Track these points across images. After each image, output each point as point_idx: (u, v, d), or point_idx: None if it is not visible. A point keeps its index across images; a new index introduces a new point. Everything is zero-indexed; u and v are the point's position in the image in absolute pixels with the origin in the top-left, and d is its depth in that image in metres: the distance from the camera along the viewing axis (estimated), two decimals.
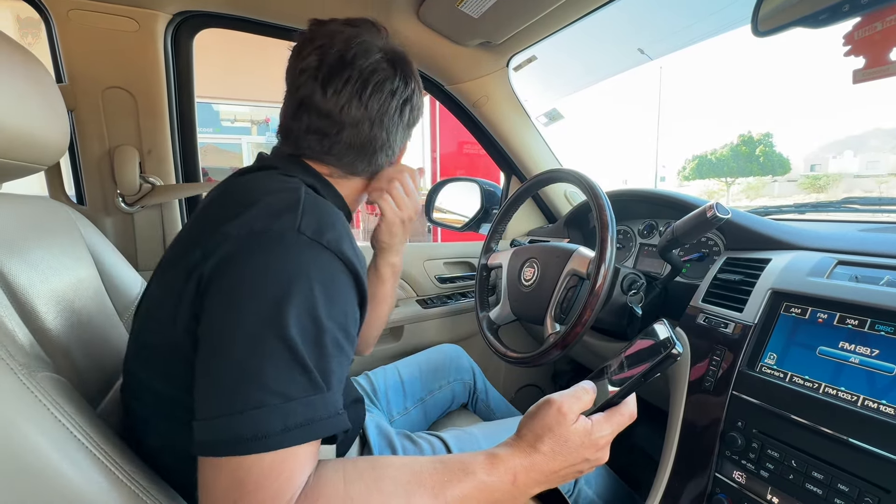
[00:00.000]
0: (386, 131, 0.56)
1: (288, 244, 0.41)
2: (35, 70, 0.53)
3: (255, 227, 0.42)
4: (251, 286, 0.39)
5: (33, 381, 0.40)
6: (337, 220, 0.47)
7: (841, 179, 37.04)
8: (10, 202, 0.56)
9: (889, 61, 0.54)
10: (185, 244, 0.47)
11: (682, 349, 0.44)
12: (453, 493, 0.41)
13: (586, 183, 0.78)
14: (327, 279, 0.42)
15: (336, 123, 0.53)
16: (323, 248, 0.43)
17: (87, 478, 0.40)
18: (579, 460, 0.45)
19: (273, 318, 0.38)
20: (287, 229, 0.42)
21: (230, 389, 0.37)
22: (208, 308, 0.41)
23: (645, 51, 2.47)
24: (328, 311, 0.41)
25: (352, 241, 0.47)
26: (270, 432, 0.36)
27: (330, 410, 0.40)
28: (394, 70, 0.55)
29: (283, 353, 0.38)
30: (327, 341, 0.40)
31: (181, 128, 1.09)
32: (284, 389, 0.37)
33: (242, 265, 0.40)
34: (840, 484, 0.49)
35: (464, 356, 1.10)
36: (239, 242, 0.41)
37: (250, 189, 0.48)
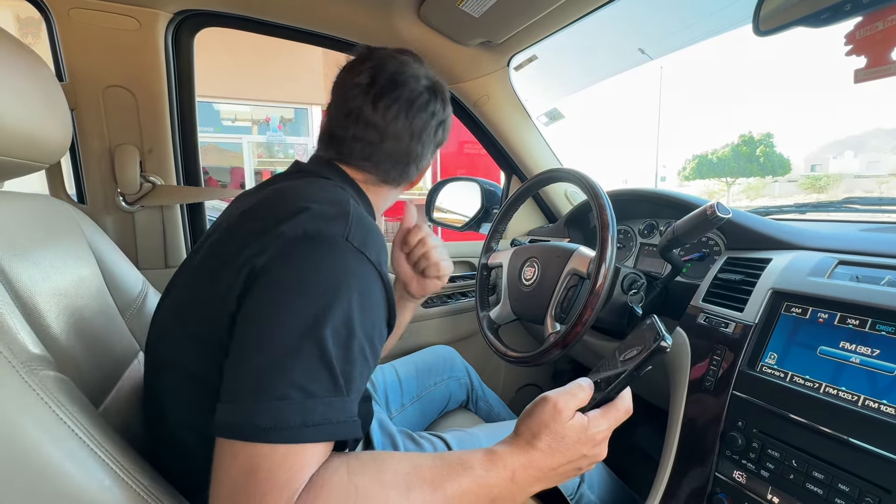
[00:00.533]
0: (422, 145, 0.63)
1: (337, 250, 0.44)
2: (37, 68, 0.53)
3: (309, 230, 0.44)
4: (298, 285, 0.42)
5: (35, 380, 0.40)
6: (378, 235, 0.50)
7: (841, 180, 37.02)
8: (11, 200, 0.56)
9: (890, 61, 0.54)
10: (235, 239, 0.48)
11: (670, 341, 0.44)
12: (452, 487, 0.41)
13: (587, 182, 0.78)
14: (365, 289, 0.44)
15: (381, 134, 0.59)
16: (366, 259, 0.45)
17: (89, 476, 0.40)
18: (577, 456, 0.46)
19: (313, 318, 0.40)
20: (337, 236, 0.45)
21: (259, 378, 0.39)
22: (253, 298, 0.42)
23: (645, 50, 2.46)
24: (361, 320, 0.43)
25: (387, 256, 0.50)
26: (289, 425, 0.37)
27: (347, 415, 0.41)
28: (435, 95, 0.63)
29: (315, 353, 0.39)
30: (355, 348, 0.42)
31: (182, 127, 1.09)
32: (309, 386, 0.39)
33: (293, 263, 0.43)
34: (840, 484, 0.49)
35: (457, 357, 1.11)
36: (292, 242, 0.44)
37: (302, 193, 0.51)
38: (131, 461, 0.44)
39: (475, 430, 0.80)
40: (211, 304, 0.46)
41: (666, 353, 0.44)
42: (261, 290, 0.42)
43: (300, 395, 0.38)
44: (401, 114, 0.59)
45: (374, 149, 0.60)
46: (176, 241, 1.10)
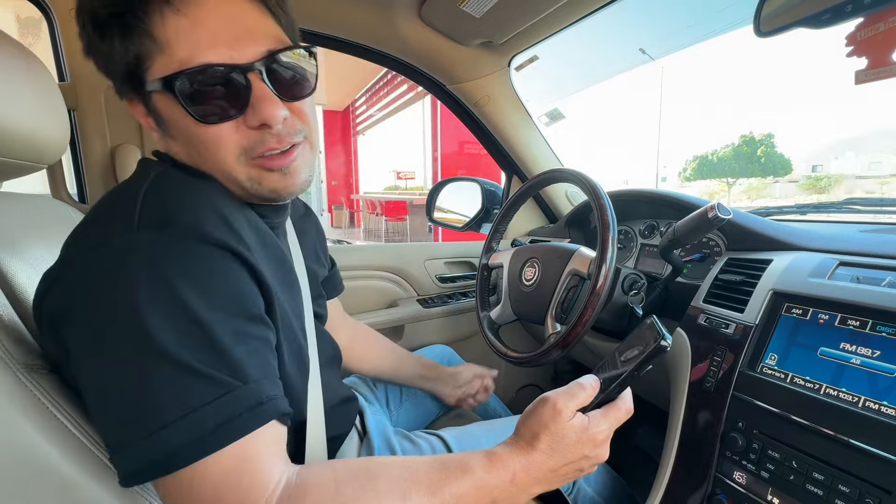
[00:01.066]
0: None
1: (130, 251, 0.36)
2: (34, 68, 0.53)
3: (90, 243, 0.38)
4: (104, 319, 0.35)
5: (32, 380, 0.40)
6: (192, 197, 0.41)
7: (842, 180, 36.99)
8: (11, 201, 0.56)
9: (891, 62, 0.54)
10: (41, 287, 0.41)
11: (670, 341, 0.44)
12: (451, 491, 0.40)
13: (587, 183, 0.78)
14: (193, 270, 0.37)
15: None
16: (177, 237, 0.37)
17: (87, 475, 0.40)
18: (578, 457, 0.45)
19: (140, 339, 0.34)
20: (124, 233, 0.37)
21: (127, 418, 0.35)
22: (75, 354, 0.37)
23: (647, 51, 2.47)
24: (209, 304, 0.36)
25: (218, 214, 0.40)
26: (182, 445, 0.34)
27: (250, 402, 0.37)
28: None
29: (168, 369, 0.34)
30: (220, 335, 0.36)
31: None
32: (183, 402, 0.34)
33: (88, 301, 0.36)
34: (841, 485, 0.49)
35: (455, 356, 1.11)
36: (77, 268, 0.37)
37: (97, 203, 0.44)
38: None
39: (472, 428, 0.80)
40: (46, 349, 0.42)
41: (666, 352, 0.44)
42: (75, 329, 0.36)
43: (178, 413, 0.34)
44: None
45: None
46: None
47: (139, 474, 0.35)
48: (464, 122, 1.41)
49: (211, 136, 0.42)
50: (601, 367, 0.52)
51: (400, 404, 0.97)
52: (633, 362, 0.46)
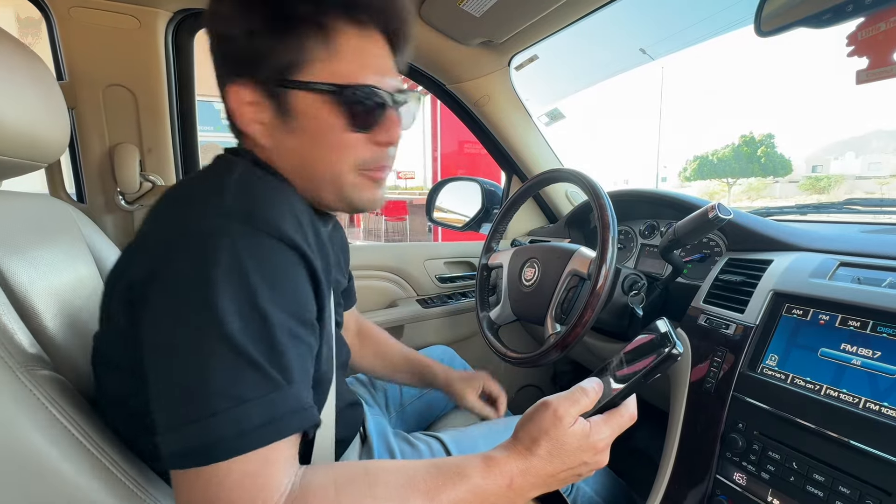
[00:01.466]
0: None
1: (215, 235, 0.37)
2: (36, 67, 0.53)
3: (178, 223, 0.40)
4: (180, 291, 0.37)
5: (32, 380, 0.40)
6: (275, 196, 0.43)
7: (843, 181, 36.99)
8: (9, 200, 0.56)
9: (892, 62, 0.54)
10: (124, 253, 0.45)
11: (682, 349, 0.43)
12: (448, 496, 0.40)
13: (587, 183, 0.77)
14: (266, 265, 0.38)
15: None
16: (257, 230, 0.39)
17: (85, 475, 0.40)
18: (577, 463, 0.44)
19: (208, 319, 0.35)
20: (212, 218, 0.38)
21: (179, 400, 0.35)
22: (147, 319, 0.38)
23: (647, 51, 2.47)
24: (273, 300, 0.38)
25: (297, 218, 0.43)
26: (224, 438, 0.34)
27: (292, 405, 0.37)
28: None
29: (227, 354, 0.35)
30: (278, 333, 0.38)
31: (182, 126, 1.09)
32: (235, 392, 0.35)
33: (167, 272, 0.38)
34: (841, 486, 0.49)
35: (456, 357, 1.11)
36: (161, 248, 0.39)
37: (180, 186, 0.47)
38: (127, 460, 0.44)
39: (471, 430, 0.80)
40: (114, 328, 0.43)
41: (677, 360, 0.42)
42: (152, 303, 0.38)
43: (228, 402, 0.35)
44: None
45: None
46: None
47: (176, 459, 0.35)
48: (464, 122, 1.41)
49: (345, 142, 0.47)
50: (605, 369, 0.51)
51: (399, 406, 0.97)
52: (640, 369, 0.44)
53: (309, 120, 0.45)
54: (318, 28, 0.43)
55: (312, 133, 0.46)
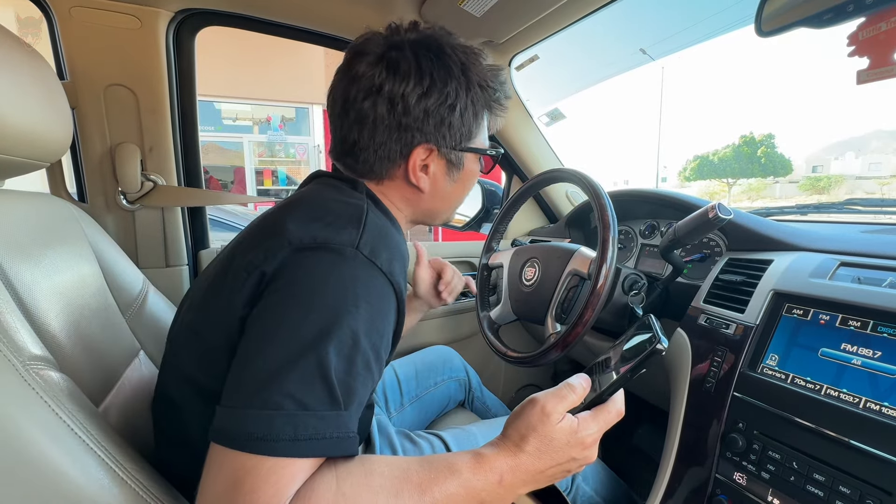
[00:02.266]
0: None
1: (345, 260, 0.43)
2: (38, 67, 0.53)
3: (318, 238, 0.44)
4: (305, 295, 0.41)
5: (35, 379, 0.40)
6: (394, 243, 0.49)
7: (843, 181, 36.94)
8: (12, 199, 0.56)
9: (893, 62, 0.54)
10: (251, 243, 0.48)
11: (666, 344, 0.43)
12: (440, 491, 0.41)
13: (588, 183, 0.77)
14: (374, 300, 0.44)
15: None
16: (377, 269, 0.45)
17: (88, 475, 0.40)
18: (566, 459, 0.45)
19: (317, 331, 0.40)
20: (346, 244, 0.44)
21: (256, 385, 0.38)
22: (261, 306, 0.43)
23: (647, 51, 2.47)
24: (368, 332, 0.42)
25: (403, 265, 0.50)
26: (279, 437, 0.36)
27: (342, 431, 0.40)
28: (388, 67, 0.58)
29: (313, 363, 0.39)
30: (359, 362, 0.42)
31: (182, 126, 1.09)
32: (302, 398, 0.38)
33: (301, 272, 0.43)
34: (841, 486, 0.49)
35: (456, 357, 1.11)
36: (301, 250, 0.44)
37: (315, 199, 0.52)
38: (131, 460, 0.44)
39: (472, 428, 0.80)
40: (223, 314, 0.46)
41: (661, 355, 0.43)
42: (269, 296, 0.43)
43: (294, 406, 0.38)
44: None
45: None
46: (177, 241, 1.10)
47: (227, 436, 0.37)
48: None
49: (476, 181, 0.67)
50: (595, 366, 0.52)
51: (400, 406, 0.97)
52: (626, 364, 0.45)
53: (467, 173, 0.62)
54: (479, 118, 0.59)
55: (467, 179, 0.63)
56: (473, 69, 0.57)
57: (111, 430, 0.45)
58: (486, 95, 0.59)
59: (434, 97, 0.53)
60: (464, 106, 0.56)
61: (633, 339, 0.49)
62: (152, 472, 0.47)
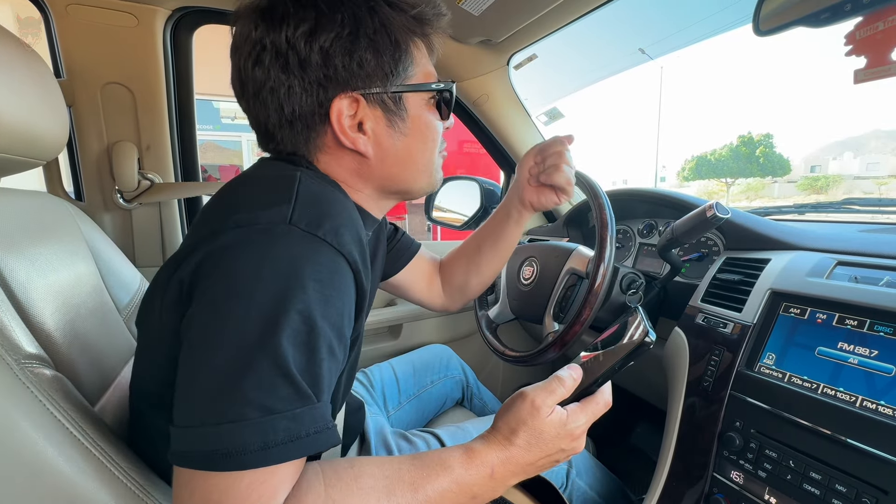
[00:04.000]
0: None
1: (278, 238, 0.37)
2: (34, 65, 0.53)
3: (241, 221, 0.39)
4: (237, 287, 0.36)
5: (30, 378, 0.40)
6: (338, 207, 0.43)
7: (841, 181, 37.02)
8: (8, 197, 0.56)
9: (890, 61, 0.54)
10: (182, 244, 0.44)
11: (654, 337, 0.44)
12: (432, 487, 0.41)
13: (586, 182, 0.77)
14: (324, 277, 0.38)
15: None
16: (319, 240, 0.39)
17: (84, 474, 0.40)
18: (555, 450, 0.45)
19: (262, 323, 0.35)
20: (277, 221, 0.38)
21: (209, 398, 0.34)
22: (193, 310, 0.38)
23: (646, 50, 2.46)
24: (324, 313, 0.37)
25: (353, 231, 0.43)
26: (248, 448, 0.33)
27: (318, 425, 0.37)
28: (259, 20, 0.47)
29: (268, 362, 0.35)
30: (321, 346, 0.37)
31: (180, 124, 1.09)
32: (266, 402, 0.34)
33: (227, 264, 0.37)
34: (838, 484, 0.49)
35: (453, 356, 1.11)
36: (224, 239, 0.38)
37: (243, 182, 0.46)
38: (127, 460, 0.44)
39: (468, 426, 0.80)
40: (158, 318, 0.42)
41: (649, 349, 0.43)
42: (201, 296, 0.37)
43: (257, 412, 0.34)
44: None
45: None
46: (174, 239, 1.10)
47: (189, 458, 0.34)
48: (462, 121, 1.41)
49: (437, 132, 0.54)
50: (581, 357, 0.52)
51: (398, 405, 0.97)
52: (614, 357, 0.45)
53: (417, 120, 0.50)
54: (411, 40, 0.48)
55: (421, 130, 0.51)
56: None
57: (107, 430, 0.45)
58: (400, 14, 0.46)
59: (327, 30, 0.43)
60: (371, 31, 0.44)
61: (621, 332, 0.50)
62: (148, 471, 0.47)
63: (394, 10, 0.46)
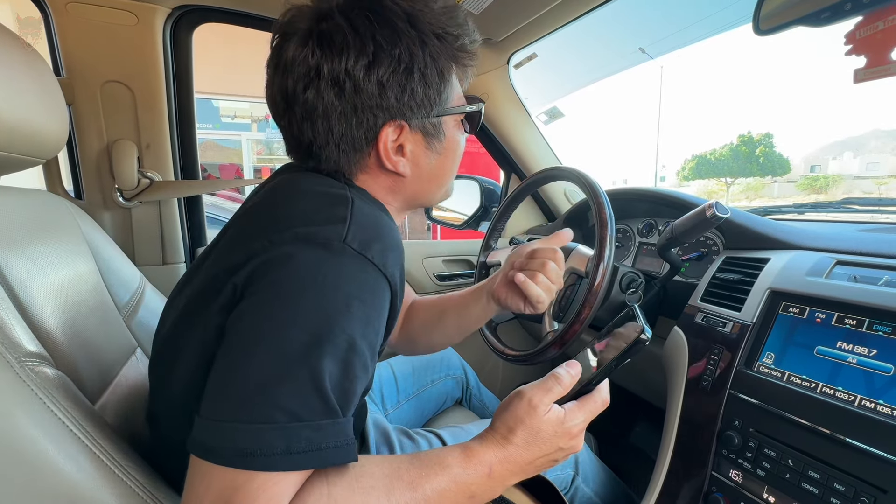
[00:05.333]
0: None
1: (332, 255, 0.39)
2: (34, 63, 0.53)
3: (301, 233, 0.40)
4: (290, 296, 0.38)
5: (30, 376, 0.40)
6: (386, 232, 0.45)
7: (840, 181, 37.01)
8: (7, 195, 0.56)
9: (890, 61, 0.54)
10: (226, 245, 0.45)
11: (650, 334, 0.43)
12: (431, 486, 0.41)
13: (586, 181, 0.77)
14: (367, 297, 0.40)
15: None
16: (368, 262, 0.41)
17: (83, 473, 0.40)
18: (553, 449, 0.45)
19: (308, 337, 0.36)
20: (333, 238, 0.40)
21: (244, 397, 0.36)
22: (241, 309, 0.39)
23: (646, 50, 2.46)
24: (363, 332, 0.39)
25: (398, 256, 0.45)
26: (271, 451, 0.34)
27: (340, 439, 0.37)
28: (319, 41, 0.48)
29: (308, 377, 0.36)
30: (356, 364, 0.39)
31: (180, 123, 1.08)
32: (296, 409, 0.35)
33: (284, 272, 0.38)
34: (836, 483, 0.49)
35: (454, 354, 1.11)
36: (284, 248, 0.39)
37: (293, 191, 0.47)
38: (128, 458, 0.44)
39: (470, 427, 0.80)
40: (199, 323, 0.43)
41: (645, 345, 0.43)
42: (251, 297, 0.39)
43: (286, 418, 0.35)
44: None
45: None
46: (173, 238, 1.10)
47: (213, 452, 0.35)
48: None
49: (462, 146, 0.57)
50: (582, 355, 0.52)
51: (397, 403, 0.97)
52: (610, 354, 0.45)
53: (450, 140, 0.54)
54: (447, 77, 0.50)
55: (453, 149, 0.55)
56: (423, 17, 0.47)
57: (107, 428, 0.45)
58: (446, 46, 0.49)
59: (385, 64, 0.45)
60: (423, 65, 0.47)
61: (618, 330, 0.50)
62: (149, 470, 0.47)
63: (441, 42, 0.48)
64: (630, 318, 0.48)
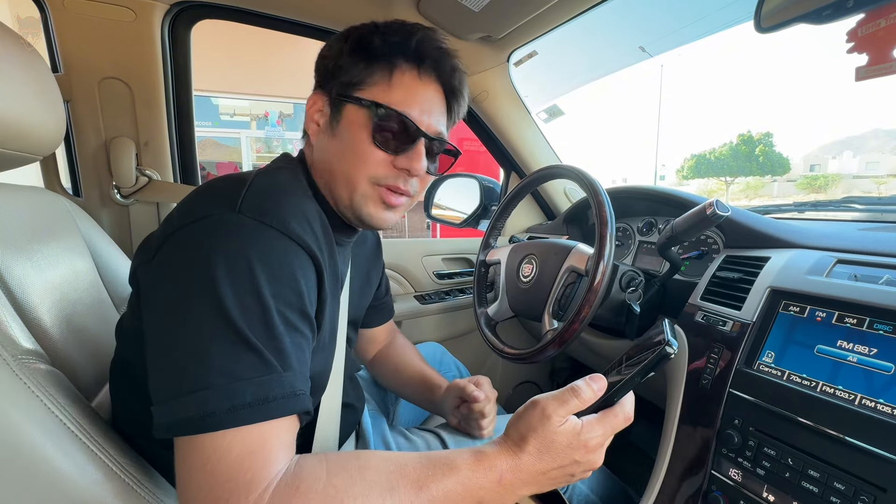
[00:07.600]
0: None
1: (226, 224, 0.42)
2: (31, 59, 0.53)
3: (198, 213, 0.43)
4: (190, 269, 0.40)
5: (27, 373, 0.40)
6: (287, 197, 0.47)
7: (840, 180, 37.03)
8: (5, 193, 0.56)
9: (892, 59, 0.54)
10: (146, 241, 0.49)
11: (676, 347, 0.43)
12: (437, 487, 0.40)
13: (586, 179, 0.77)
14: (271, 257, 0.42)
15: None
16: (265, 226, 0.43)
17: (81, 469, 0.40)
18: (568, 462, 0.44)
19: (213, 299, 0.38)
20: (226, 210, 0.42)
21: (178, 372, 0.38)
22: (154, 294, 0.42)
23: (646, 48, 2.46)
24: (274, 290, 0.41)
25: (306, 218, 0.46)
26: (217, 410, 0.36)
27: (286, 390, 0.40)
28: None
29: (226, 333, 0.38)
30: (276, 320, 0.41)
31: (178, 120, 1.08)
32: (231, 369, 0.38)
33: (182, 251, 0.41)
34: (836, 482, 0.49)
35: (446, 354, 1.11)
36: (181, 229, 0.42)
37: (216, 178, 0.50)
38: (124, 454, 0.44)
39: None
40: (132, 325, 0.46)
41: (670, 359, 0.42)
42: (158, 283, 0.42)
43: (223, 378, 0.37)
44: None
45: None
46: None
47: (172, 427, 0.37)
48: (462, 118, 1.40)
49: (365, 152, 0.54)
50: (610, 369, 0.51)
51: (396, 402, 0.97)
52: (635, 367, 0.44)
53: (346, 127, 0.54)
54: (385, 62, 0.53)
55: (346, 139, 0.54)
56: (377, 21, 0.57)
57: (104, 425, 0.45)
58: (383, 39, 0.53)
59: (331, 45, 0.55)
60: (351, 46, 0.54)
61: (645, 341, 0.49)
62: (145, 466, 0.47)
63: (379, 36, 0.54)
64: (657, 332, 0.46)
